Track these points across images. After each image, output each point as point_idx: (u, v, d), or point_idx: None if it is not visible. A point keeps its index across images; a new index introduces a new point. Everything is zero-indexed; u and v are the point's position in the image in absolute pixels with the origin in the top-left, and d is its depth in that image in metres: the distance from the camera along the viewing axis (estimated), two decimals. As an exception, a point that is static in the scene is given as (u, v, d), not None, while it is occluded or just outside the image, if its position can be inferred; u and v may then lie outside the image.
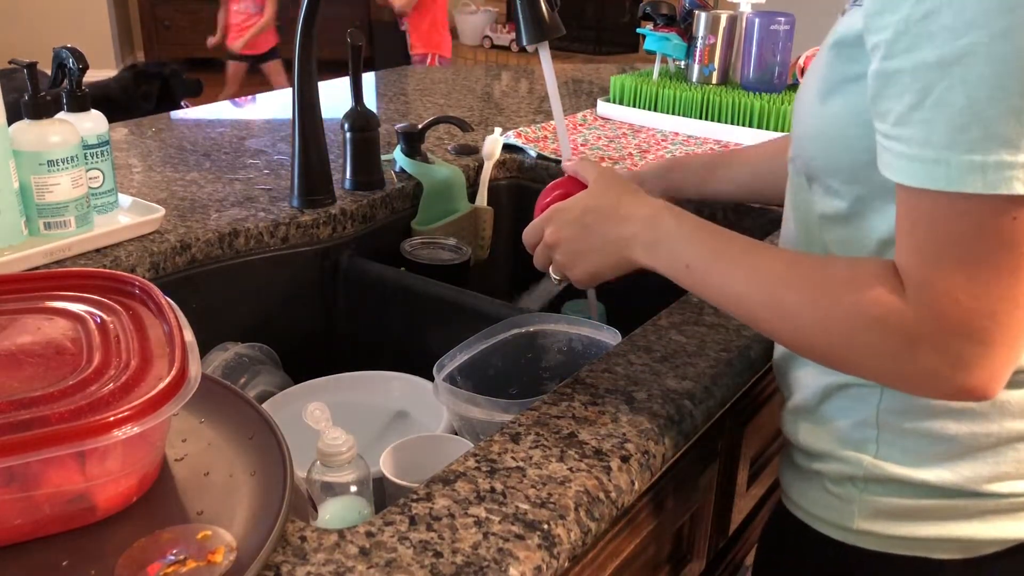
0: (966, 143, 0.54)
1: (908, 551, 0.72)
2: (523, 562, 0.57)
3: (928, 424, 0.69)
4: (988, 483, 0.69)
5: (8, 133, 0.94)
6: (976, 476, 0.69)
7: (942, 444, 0.69)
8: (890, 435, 0.71)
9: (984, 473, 0.69)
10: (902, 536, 0.72)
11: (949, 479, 0.69)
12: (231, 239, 1.08)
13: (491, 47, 5.91)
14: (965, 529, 0.70)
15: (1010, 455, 0.68)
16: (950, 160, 0.55)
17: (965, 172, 0.55)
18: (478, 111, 1.76)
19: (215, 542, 0.56)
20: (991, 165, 0.54)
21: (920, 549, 0.72)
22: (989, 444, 0.68)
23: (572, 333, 0.95)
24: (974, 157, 0.54)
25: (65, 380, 0.57)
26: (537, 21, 0.95)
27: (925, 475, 0.70)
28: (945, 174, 0.55)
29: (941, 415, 0.68)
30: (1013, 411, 0.67)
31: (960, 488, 0.69)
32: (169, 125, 1.60)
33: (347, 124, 1.23)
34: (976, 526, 0.70)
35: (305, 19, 1.08)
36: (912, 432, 0.70)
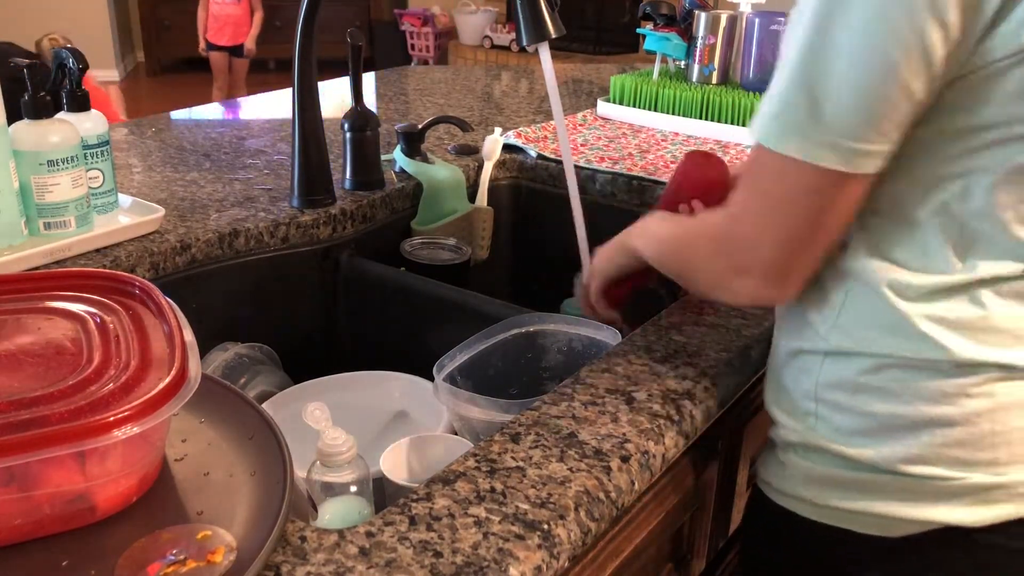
0: (776, 100, 0.66)
1: (836, 522, 0.75)
2: (523, 562, 0.57)
3: (854, 400, 0.72)
4: (905, 464, 0.71)
5: (8, 133, 0.94)
6: (893, 455, 0.71)
7: (867, 420, 0.72)
8: (825, 408, 0.74)
9: (901, 453, 0.71)
10: (831, 506, 0.75)
11: (870, 456, 0.72)
12: (231, 239, 1.08)
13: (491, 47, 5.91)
14: (883, 507, 0.72)
15: (924, 439, 0.70)
16: (764, 111, 0.68)
17: (765, 123, 0.67)
18: (478, 111, 1.76)
19: (215, 542, 0.56)
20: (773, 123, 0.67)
21: (845, 521, 0.74)
22: (904, 425, 0.70)
23: (572, 333, 0.95)
24: (774, 109, 0.66)
25: (65, 380, 0.57)
26: (537, 21, 0.95)
27: (852, 451, 0.73)
28: (759, 124, 0.68)
29: (865, 391, 0.72)
30: (926, 396, 0.69)
31: (880, 466, 0.72)
32: (169, 125, 1.60)
33: (347, 124, 1.23)
34: (893, 505, 0.72)
35: (305, 19, 1.08)
36: (843, 407, 0.73)
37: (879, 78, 0.62)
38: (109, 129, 1.05)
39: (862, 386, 0.72)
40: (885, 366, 0.70)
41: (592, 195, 1.35)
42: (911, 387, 0.70)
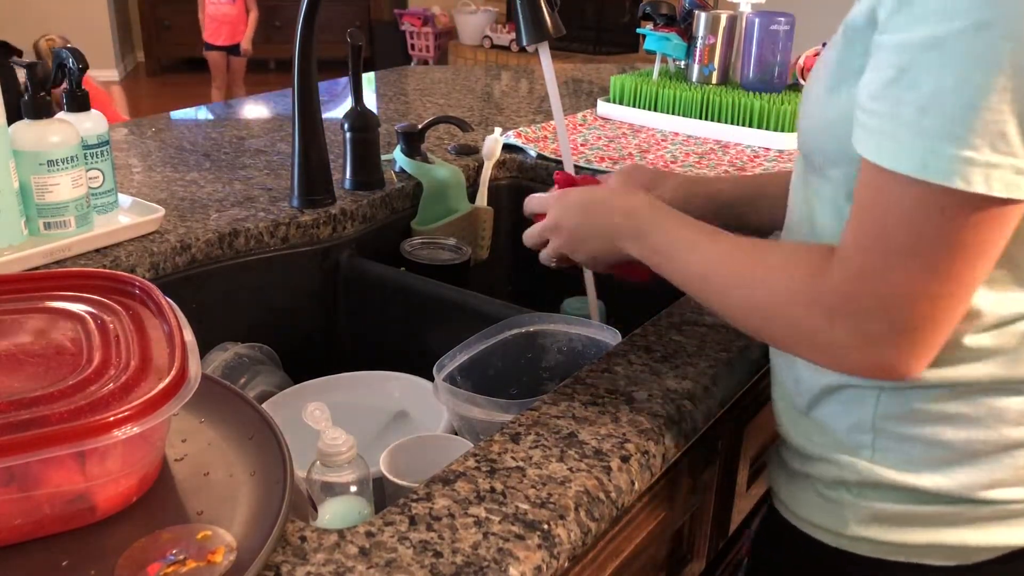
0: (921, 127, 0.56)
1: (902, 557, 0.72)
2: (523, 562, 0.57)
3: (925, 430, 0.69)
4: (984, 490, 0.69)
5: (8, 133, 0.94)
6: (972, 483, 0.68)
7: (938, 450, 0.69)
8: (886, 440, 0.71)
9: (980, 480, 0.68)
10: (896, 542, 0.72)
11: (945, 485, 0.69)
12: (231, 239, 1.08)
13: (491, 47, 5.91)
14: (960, 536, 0.70)
15: (1006, 462, 0.68)
16: (902, 139, 0.57)
17: (910, 153, 0.56)
18: (478, 111, 1.76)
19: (215, 542, 0.56)
20: (936, 154, 0.55)
21: (914, 555, 0.71)
22: (986, 451, 0.68)
23: (572, 333, 0.95)
24: (924, 142, 0.56)
25: (65, 380, 0.57)
26: (537, 21, 0.95)
27: (921, 481, 0.69)
28: (892, 151, 0.57)
29: (938, 421, 0.68)
30: (1009, 419, 0.67)
31: (955, 495, 0.69)
32: (169, 125, 1.60)
33: (347, 124, 1.23)
34: (971, 533, 0.70)
35: (305, 19, 1.08)
36: (908, 437, 0.70)
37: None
38: (109, 129, 1.05)
39: (934, 415, 0.68)
40: (963, 393, 0.67)
41: (592, 195, 1.35)
42: (995, 411, 0.67)
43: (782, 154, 1.46)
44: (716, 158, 1.43)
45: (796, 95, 1.54)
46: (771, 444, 0.86)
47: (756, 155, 1.45)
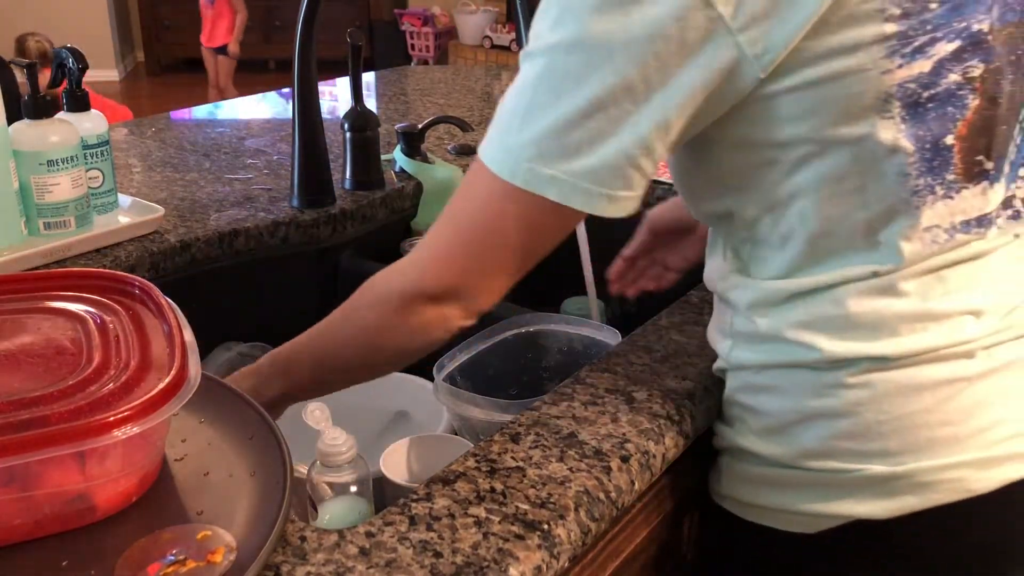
0: (495, 128, 0.67)
1: (758, 519, 0.77)
2: (523, 562, 0.57)
3: (756, 399, 0.75)
4: (802, 458, 0.72)
5: (8, 133, 0.94)
6: (792, 451, 0.73)
7: (765, 419, 0.74)
8: (739, 410, 0.77)
9: (797, 448, 0.72)
10: (753, 503, 0.77)
11: (774, 452, 0.74)
12: (231, 239, 1.08)
13: (491, 47, 5.91)
14: (795, 501, 0.73)
15: (815, 432, 0.71)
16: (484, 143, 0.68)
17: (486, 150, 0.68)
18: (478, 111, 1.76)
19: (215, 542, 0.56)
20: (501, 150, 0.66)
21: (767, 518, 0.76)
22: (796, 420, 0.72)
23: (572, 333, 0.95)
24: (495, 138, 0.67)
25: (65, 380, 0.57)
26: (537, 21, 0.94)
27: (760, 447, 0.75)
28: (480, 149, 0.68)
29: (760, 392, 0.74)
30: (808, 390, 0.71)
31: (784, 461, 0.73)
32: (169, 125, 1.60)
33: (347, 124, 1.23)
34: (803, 498, 0.73)
35: (305, 19, 1.08)
36: (748, 408, 0.75)
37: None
38: (109, 129, 1.05)
39: (759, 387, 0.74)
40: (769, 366, 0.73)
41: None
42: (794, 383, 0.72)
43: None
44: (716, 158, 1.43)
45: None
46: None
47: (756, 155, 1.45)
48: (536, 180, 0.63)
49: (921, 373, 0.68)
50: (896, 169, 0.64)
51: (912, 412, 0.68)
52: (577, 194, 0.63)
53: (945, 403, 0.68)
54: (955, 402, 0.68)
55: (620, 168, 0.63)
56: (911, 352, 0.68)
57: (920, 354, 0.68)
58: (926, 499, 0.69)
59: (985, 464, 0.68)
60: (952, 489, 0.68)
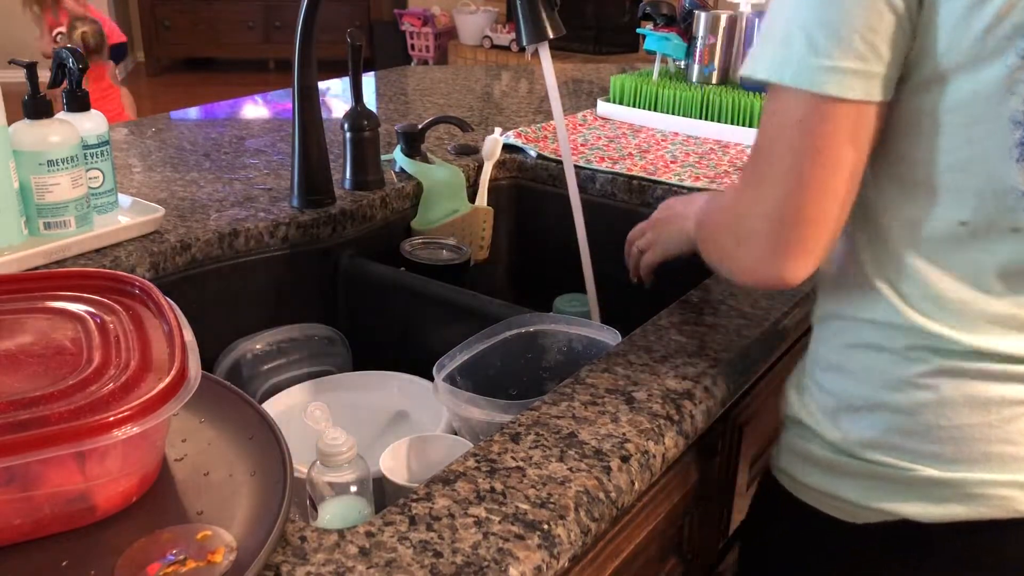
0: (772, 35, 0.66)
1: (805, 498, 0.77)
2: (523, 562, 0.57)
3: (825, 376, 0.75)
4: (860, 447, 0.72)
5: (8, 133, 0.94)
6: (850, 437, 0.73)
7: (829, 398, 0.75)
8: (809, 382, 0.77)
9: (856, 435, 0.72)
10: (802, 482, 0.77)
11: (831, 433, 0.74)
12: (231, 239, 1.08)
13: (491, 47, 5.91)
14: (842, 489, 0.74)
15: (877, 422, 0.71)
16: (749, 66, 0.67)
17: (751, 66, 0.67)
18: (478, 111, 1.76)
19: (215, 542, 0.56)
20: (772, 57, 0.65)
21: (813, 499, 0.76)
22: (862, 406, 0.72)
23: (572, 333, 0.95)
24: (759, 53, 0.66)
25: (65, 380, 0.57)
26: (537, 21, 0.95)
27: (817, 425, 0.75)
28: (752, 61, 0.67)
29: (829, 369, 0.75)
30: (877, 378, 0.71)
31: (839, 445, 0.74)
32: (169, 125, 1.60)
33: (347, 124, 1.23)
34: (851, 488, 0.73)
35: (305, 19, 1.08)
36: (817, 382, 0.76)
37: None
38: (109, 129, 1.05)
39: (828, 362, 0.75)
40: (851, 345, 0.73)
41: (592, 195, 1.35)
42: (866, 367, 0.72)
43: (782, 154, 1.45)
44: (716, 158, 1.43)
45: (796, 95, 1.54)
46: (772, 444, 0.89)
47: (756, 155, 1.45)
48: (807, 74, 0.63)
49: (991, 389, 0.68)
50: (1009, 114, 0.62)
51: (974, 424, 0.68)
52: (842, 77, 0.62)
53: (1010, 423, 0.68)
54: (1019, 423, 0.68)
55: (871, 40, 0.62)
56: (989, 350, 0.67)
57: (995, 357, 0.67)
58: (973, 510, 0.69)
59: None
60: (1001, 506, 0.68)
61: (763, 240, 0.67)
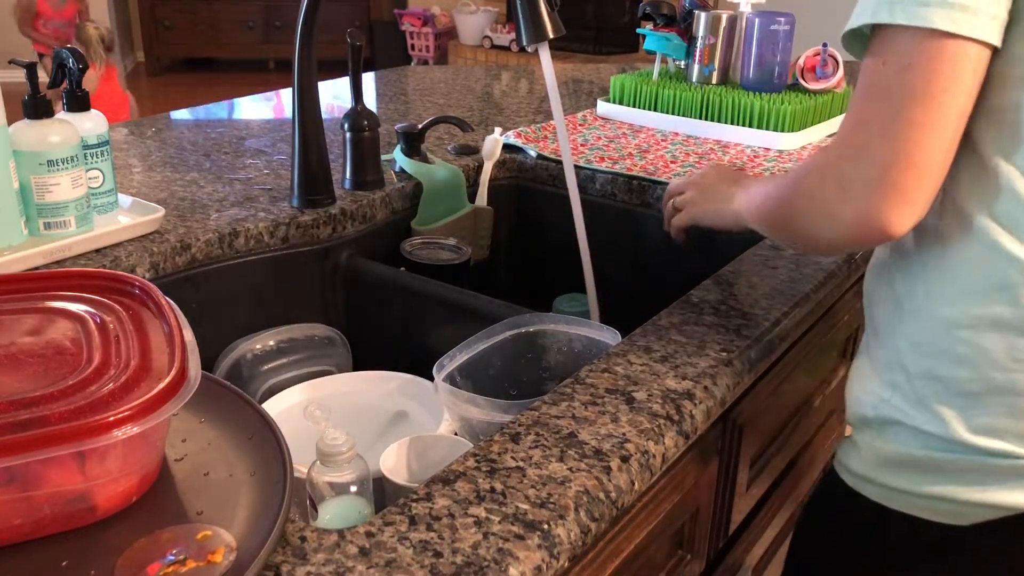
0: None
1: (900, 506, 0.73)
2: (523, 562, 0.57)
3: (924, 363, 0.71)
4: (970, 433, 0.68)
5: (8, 133, 0.94)
6: (959, 424, 0.69)
7: (933, 385, 0.71)
8: (898, 376, 0.73)
9: (967, 422, 0.68)
10: (895, 487, 0.73)
11: (934, 426, 0.70)
12: (231, 239, 1.08)
13: (491, 47, 5.91)
14: (950, 488, 0.70)
15: (991, 406, 0.68)
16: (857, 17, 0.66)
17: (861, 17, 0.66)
18: (478, 111, 1.76)
19: (215, 542, 0.56)
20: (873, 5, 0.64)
21: (910, 506, 0.73)
22: (973, 391, 0.68)
23: (572, 333, 0.95)
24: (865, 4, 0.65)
25: (65, 380, 0.57)
26: (537, 21, 0.95)
27: (915, 420, 0.71)
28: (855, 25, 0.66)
29: (933, 356, 0.70)
30: (993, 359, 0.67)
31: (945, 436, 0.69)
32: (169, 125, 1.60)
33: (347, 124, 1.23)
34: (960, 484, 0.70)
35: (305, 19, 1.08)
36: (913, 373, 0.71)
37: None
38: (109, 129, 1.05)
39: (931, 351, 0.70)
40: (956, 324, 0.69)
41: (592, 195, 1.35)
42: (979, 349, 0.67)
43: (782, 154, 1.46)
44: (716, 158, 1.43)
45: (796, 95, 1.54)
46: (772, 443, 0.89)
47: (756, 155, 1.45)
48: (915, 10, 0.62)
49: None
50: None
51: None
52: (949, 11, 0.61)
53: None
54: None
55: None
56: None
57: None
58: None
59: None
60: None
61: (872, 188, 0.65)
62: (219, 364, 1.03)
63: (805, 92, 1.56)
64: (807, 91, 1.56)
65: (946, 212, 0.70)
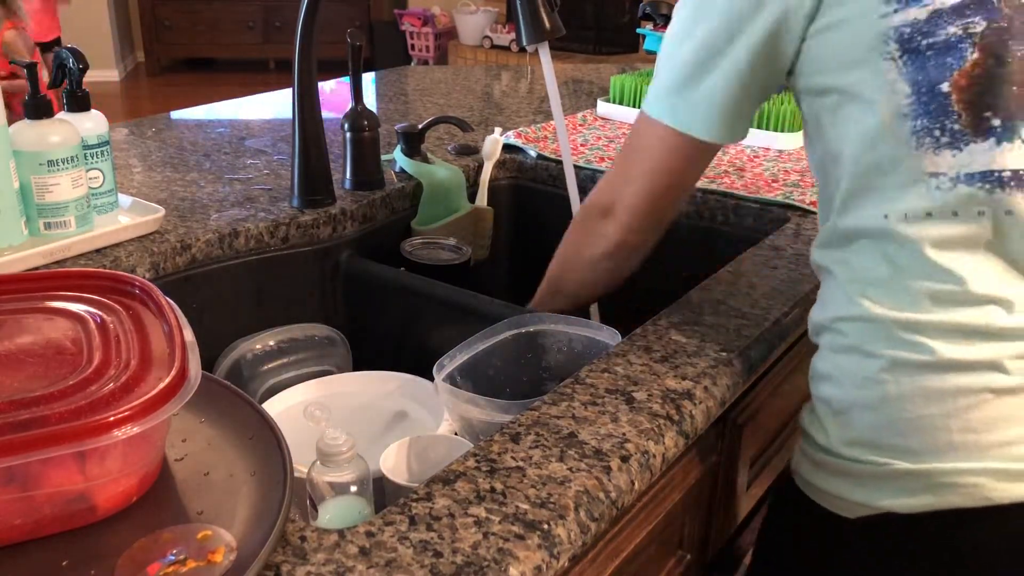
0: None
1: (819, 500, 0.80)
2: (523, 562, 0.57)
3: (818, 387, 0.80)
4: (845, 446, 0.76)
5: (8, 133, 0.94)
6: (837, 437, 0.77)
7: (821, 405, 0.80)
8: (814, 397, 0.82)
9: (842, 435, 0.76)
10: (813, 484, 0.81)
11: (822, 438, 0.79)
12: (231, 239, 1.08)
13: (491, 47, 5.91)
14: (839, 487, 0.77)
15: (855, 420, 0.75)
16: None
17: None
18: (478, 111, 1.76)
19: (215, 542, 0.56)
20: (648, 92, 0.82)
21: (824, 500, 0.79)
22: (842, 409, 0.76)
23: (572, 333, 0.94)
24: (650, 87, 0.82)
25: (65, 380, 0.57)
26: (537, 21, 0.95)
27: (813, 431, 0.81)
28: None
29: (819, 379, 0.80)
30: (854, 380, 0.75)
31: (829, 447, 0.77)
32: (169, 125, 1.60)
33: (347, 124, 1.23)
34: (845, 485, 0.77)
35: (305, 19, 1.08)
36: (814, 394, 0.81)
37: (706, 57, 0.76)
38: (109, 129, 1.05)
39: (818, 372, 0.80)
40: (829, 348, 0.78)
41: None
42: (846, 371, 0.76)
43: (782, 154, 1.46)
44: (716, 158, 1.43)
45: (796, 95, 1.53)
46: (772, 443, 0.92)
47: (756, 155, 1.45)
48: (659, 108, 0.81)
49: (947, 380, 0.70)
50: (894, 109, 0.69)
51: (933, 415, 0.70)
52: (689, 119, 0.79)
53: (968, 411, 0.69)
54: (979, 412, 0.69)
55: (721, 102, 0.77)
56: (941, 324, 0.70)
57: (949, 329, 0.70)
58: (943, 500, 0.71)
59: (1006, 476, 0.69)
60: (969, 494, 0.70)
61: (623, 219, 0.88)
62: (219, 364, 1.03)
63: (805, 92, 1.56)
64: (807, 91, 1.56)
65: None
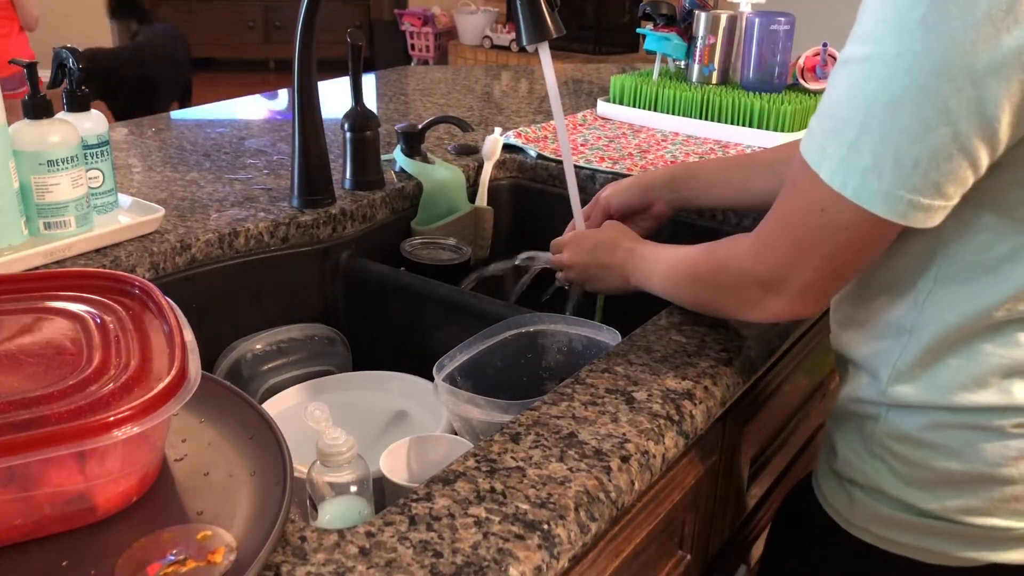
0: (824, 133, 0.67)
1: (897, 550, 0.79)
2: (523, 562, 0.57)
3: (917, 453, 0.76)
4: (962, 514, 0.75)
5: (8, 133, 0.94)
6: (953, 507, 0.75)
7: (927, 473, 0.76)
8: (888, 456, 0.78)
9: (959, 505, 0.75)
10: (891, 539, 0.79)
11: (930, 505, 0.76)
12: (231, 239, 1.08)
13: (491, 47, 5.91)
14: (943, 547, 0.77)
15: (981, 494, 0.74)
16: (809, 142, 0.68)
17: (814, 153, 0.67)
18: (478, 111, 1.76)
19: (215, 542, 0.56)
20: (830, 157, 0.66)
21: (907, 551, 0.78)
22: (964, 481, 0.74)
23: (572, 333, 0.95)
24: (825, 144, 0.66)
25: (65, 380, 0.57)
26: (537, 21, 0.95)
27: (911, 497, 0.77)
28: (805, 148, 0.68)
29: (926, 447, 0.75)
30: (988, 459, 0.73)
31: (938, 514, 0.76)
32: (169, 125, 1.60)
33: (347, 124, 1.23)
34: (952, 546, 0.76)
35: (305, 19, 1.08)
36: (904, 458, 0.77)
37: (944, 144, 0.62)
38: (109, 129, 1.05)
39: (922, 442, 0.75)
40: (946, 425, 0.74)
41: (592, 195, 1.35)
42: (972, 448, 0.73)
43: (782, 154, 1.45)
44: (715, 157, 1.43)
45: (796, 95, 1.54)
46: (772, 443, 0.90)
47: (756, 155, 1.45)
48: (868, 195, 0.65)
49: None
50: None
51: None
52: (906, 208, 0.64)
53: None
54: None
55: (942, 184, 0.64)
56: None
57: None
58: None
59: None
60: None
61: (793, 297, 0.74)
62: (219, 364, 1.03)
63: (805, 92, 1.56)
64: (807, 91, 1.56)
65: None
